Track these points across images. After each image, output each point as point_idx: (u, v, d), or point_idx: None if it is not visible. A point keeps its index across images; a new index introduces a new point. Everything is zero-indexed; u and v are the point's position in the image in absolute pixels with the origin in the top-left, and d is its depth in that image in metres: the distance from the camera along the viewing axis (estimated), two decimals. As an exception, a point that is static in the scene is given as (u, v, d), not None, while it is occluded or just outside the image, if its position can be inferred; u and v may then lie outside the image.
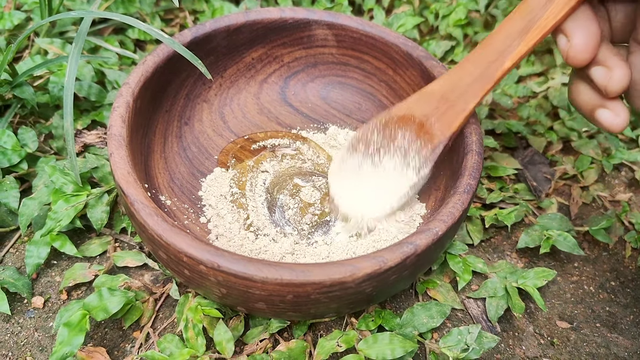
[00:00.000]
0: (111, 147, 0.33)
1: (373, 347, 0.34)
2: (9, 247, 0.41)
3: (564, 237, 0.42)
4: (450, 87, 0.36)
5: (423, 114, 0.37)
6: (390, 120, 0.38)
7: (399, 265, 0.30)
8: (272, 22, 0.43)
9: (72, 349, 0.33)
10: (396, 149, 0.38)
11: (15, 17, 0.52)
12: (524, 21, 0.33)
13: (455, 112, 0.36)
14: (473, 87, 0.35)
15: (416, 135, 0.38)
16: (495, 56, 0.34)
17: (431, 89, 0.37)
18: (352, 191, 0.40)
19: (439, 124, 0.37)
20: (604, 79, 0.32)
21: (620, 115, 0.33)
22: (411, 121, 0.38)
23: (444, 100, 0.36)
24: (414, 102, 0.38)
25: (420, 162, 0.38)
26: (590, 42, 0.31)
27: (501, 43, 0.34)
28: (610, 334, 0.40)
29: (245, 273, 0.28)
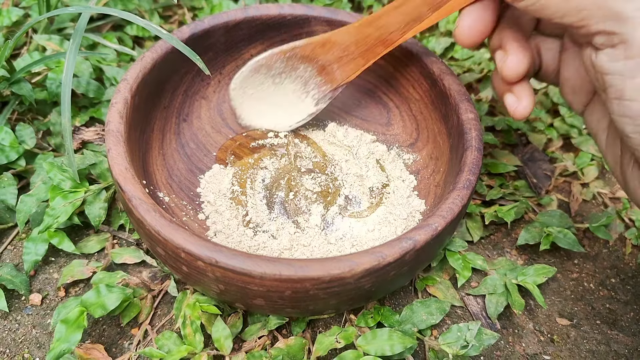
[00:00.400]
0: (109, 143, 0.33)
1: (372, 343, 0.34)
2: (7, 244, 0.41)
3: (564, 233, 0.42)
4: (354, 42, 0.39)
5: (326, 59, 0.40)
6: (294, 55, 0.41)
7: (398, 260, 0.29)
8: (270, 19, 0.43)
9: (69, 346, 0.32)
10: (297, 76, 0.42)
11: (13, 13, 0.51)
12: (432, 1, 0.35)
13: (357, 65, 0.40)
14: (375, 47, 0.39)
15: (317, 72, 0.41)
16: (398, 26, 0.37)
17: (336, 38, 0.39)
18: (254, 105, 0.43)
19: (340, 71, 0.41)
20: (499, 62, 0.34)
21: (523, 101, 0.34)
22: (313, 60, 0.41)
23: (347, 52, 0.40)
24: (319, 47, 0.40)
25: (319, 96, 0.42)
26: (477, 27, 0.33)
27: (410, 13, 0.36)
28: (610, 331, 0.39)
29: (244, 269, 0.28)
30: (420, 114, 0.43)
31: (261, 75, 0.42)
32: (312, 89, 0.42)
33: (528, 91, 0.34)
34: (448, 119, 0.40)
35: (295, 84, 0.42)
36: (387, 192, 0.41)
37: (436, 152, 0.42)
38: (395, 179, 0.42)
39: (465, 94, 0.38)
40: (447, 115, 0.40)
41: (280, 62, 0.41)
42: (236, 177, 0.41)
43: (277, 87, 0.43)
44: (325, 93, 0.42)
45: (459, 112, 0.37)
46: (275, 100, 0.43)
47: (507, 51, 0.33)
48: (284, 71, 0.42)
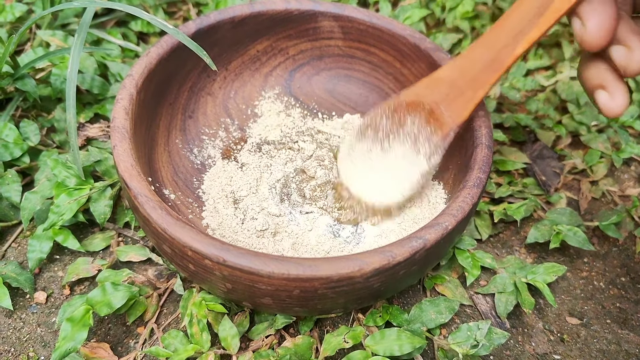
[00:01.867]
0: (114, 140, 0.33)
1: (380, 343, 0.33)
2: (11, 242, 0.40)
3: (573, 232, 0.42)
4: (460, 73, 0.35)
5: (433, 100, 0.36)
6: (399, 106, 0.37)
7: (408, 260, 0.29)
8: (277, 14, 0.42)
9: (75, 345, 0.32)
10: (406, 134, 0.38)
11: (17, 9, 0.51)
12: (536, 4, 0.32)
13: (466, 100, 0.35)
14: (483, 73, 0.34)
15: (426, 121, 0.37)
16: (506, 41, 0.33)
17: (440, 75, 0.36)
18: (362, 177, 0.39)
19: (449, 112, 0.36)
20: (624, 59, 0.30)
21: (617, 100, 0.31)
22: (420, 107, 0.37)
23: (454, 86, 0.35)
24: (423, 88, 0.37)
25: (431, 149, 0.37)
26: (606, 26, 0.29)
27: (512, 27, 0.33)
28: (620, 330, 0.39)
29: (251, 267, 0.28)
30: (429, 111, 0.43)
31: (369, 141, 0.39)
32: (422, 145, 0.37)
33: (623, 88, 0.31)
34: (457, 115, 0.39)
35: (405, 145, 0.38)
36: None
37: (445, 149, 0.41)
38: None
39: None
40: (456, 112, 0.39)
41: (386, 118, 0.38)
42: (242, 174, 0.41)
43: (386, 153, 0.38)
44: (437, 144, 0.37)
45: (469, 109, 0.37)
46: (387, 169, 0.38)
47: (632, 47, 0.30)
48: (391, 131, 0.38)
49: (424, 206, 0.39)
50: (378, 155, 0.39)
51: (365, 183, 0.39)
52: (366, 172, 0.39)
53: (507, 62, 0.33)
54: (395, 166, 0.38)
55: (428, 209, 0.39)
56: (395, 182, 0.38)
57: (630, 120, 0.52)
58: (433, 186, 0.40)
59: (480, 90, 0.35)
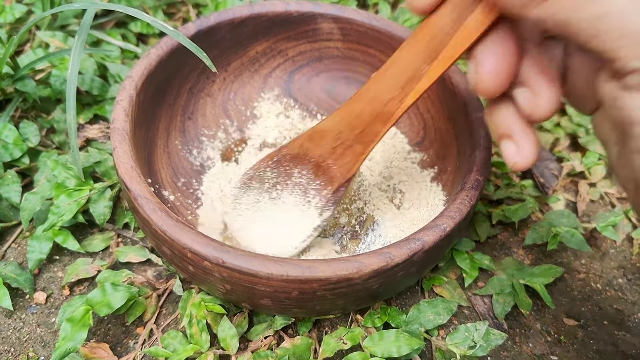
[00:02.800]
0: (114, 141, 0.33)
1: (379, 344, 0.34)
2: (11, 242, 0.40)
3: (571, 233, 0.42)
4: (345, 126, 0.33)
5: (318, 154, 0.35)
6: (282, 158, 0.36)
7: (406, 261, 0.29)
8: (276, 15, 0.43)
9: (75, 345, 0.32)
10: (294, 185, 0.36)
11: (16, 10, 0.51)
12: (427, 49, 0.28)
13: (355, 154, 0.33)
14: (372, 126, 0.32)
15: (314, 174, 0.35)
16: (394, 92, 0.30)
17: (323, 127, 0.34)
18: (253, 228, 0.36)
19: (337, 166, 0.34)
20: (528, 104, 0.26)
21: (524, 151, 0.27)
22: (306, 160, 0.35)
23: (340, 140, 0.33)
24: (307, 141, 0.35)
25: (322, 203, 0.35)
26: (503, 70, 0.26)
27: (399, 76, 0.30)
28: (617, 331, 0.39)
29: (250, 269, 0.28)
30: (427, 113, 0.43)
31: (255, 191, 0.37)
32: (313, 197, 0.36)
33: (530, 135, 0.27)
34: (456, 118, 0.39)
35: (295, 195, 0.36)
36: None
37: (443, 151, 0.41)
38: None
39: (474, 93, 0.38)
40: (454, 114, 0.39)
41: (270, 170, 0.36)
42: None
43: (276, 203, 0.36)
44: (327, 198, 0.35)
45: (467, 111, 0.37)
46: (277, 219, 0.36)
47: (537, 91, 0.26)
48: (278, 181, 0.36)
49: (423, 208, 0.39)
50: (267, 205, 0.37)
51: (255, 235, 0.36)
52: (256, 224, 0.37)
53: (397, 114, 0.31)
54: (287, 217, 0.36)
55: (427, 211, 0.39)
56: (288, 234, 0.36)
57: (628, 122, 0.52)
58: (431, 188, 0.40)
59: (370, 144, 0.33)
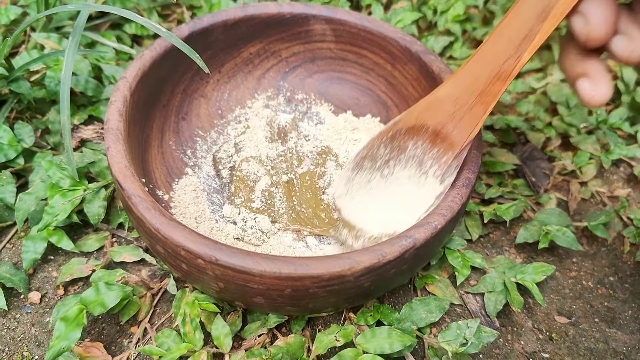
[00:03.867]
0: (108, 141, 0.33)
1: (371, 341, 0.34)
2: (6, 243, 0.41)
3: (562, 232, 0.42)
4: (463, 89, 0.34)
5: (437, 121, 0.35)
6: (397, 132, 0.36)
7: (398, 258, 0.30)
8: (270, 17, 0.43)
9: (69, 344, 0.32)
10: (408, 158, 0.36)
11: (11, 11, 0.51)
12: (537, 9, 0.30)
13: (475, 115, 0.34)
14: (490, 86, 0.33)
15: (431, 142, 0.35)
16: (510, 51, 0.32)
17: (442, 93, 0.35)
18: (365, 210, 0.36)
19: (457, 130, 0.34)
20: (626, 49, 0.30)
21: (600, 89, 0.31)
22: (423, 130, 0.35)
23: (459, 104, 0.34)
24: (424, 111, 0.35)
25: (441, 170, 0.35)
26: (609, 19, 0.29)
27: (515, 35, 0.31)
28: (608, 329, 0.40)
29: (243, 267, 0.28)
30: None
31: (366, 172, 0.37)
32: (430, 167, 0.35)
33: (605, 73, 0.31)
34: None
35: (409, 169, 0.36)
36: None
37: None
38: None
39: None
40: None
41: (384, 147, 0.36)
42: (233, 177, 0.41)
43: (388, 180, 0.36)
44: (448, 164, 0.35)
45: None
46: (391, 196, 0.36)
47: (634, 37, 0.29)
48: (391, 157, 0.36)
49: None
50: (379, 184, 0.37)
51: (370, 214, 0.36)
52: (369, 204, 0.37)
53: (514, 72, 0.32)
54: (400, 192, 0.36)
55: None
56: (405, 208, 0.36)
57: (619, 122, 0.53)
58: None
59: (490, 104, 0.33)
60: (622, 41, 0.30)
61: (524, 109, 0.53)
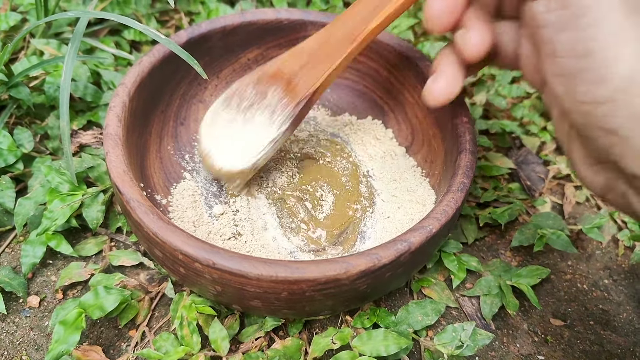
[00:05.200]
0: (107, 146, 0.33)
1: (367, 343, 0.34)
2: (5, 247, 0.41)
3: (557, 235, 0.43)
4: (319, 45, 0.37)
5: (292, 70, 0.38)
6: (263, 76, 0.39)
7: (393, 262, 0.30)
8: (267, 23, 0.43)
9: (68, 347, 0.33)
10: (265, 106, 0.39)
11: (11, 18, 0.52)
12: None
13: (320, 70, 0.37)
14: (340, 45, 0.36)
15: (284, 92, 0.38)
16: (363, 15, 0.35)
17: (303, 46, 0.38)
18: (220, 145, 0.39)
19: (303, 81, 0.37)
20: (460, 41, 0.32)
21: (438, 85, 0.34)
22: (280, 77, 0.38)
23: (312, 57, 0.37)
24: (287, 59, 0.38)
25: (282, 119, 0.38)
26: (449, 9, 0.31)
27: (369, 3, 0.35)
28: (603, 331, 0.40)
29: (240, 270, 0.28)
30: (415, 118, 0.44)
31: (233, 110, 0.39)
32: (277, 116, 0.38)
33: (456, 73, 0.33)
34: (443, 123, 0.40)
35: (264, 116, 0.39)
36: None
37: (431, 155, 0.42)
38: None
39: (460, 98, 0.38)
40: (441, 120, 0.40)
41: (251, 88, 0.39)
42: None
43: (247, 123, 0.39)
44: (289, 113, 0.38)
45: (453, 116, 0.38)
46: (243, 138, 0.39)
47: (469, 28, 0.31)
48: (255, 101, 0.39)
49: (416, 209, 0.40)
50: (239, 125, 0.39)
51: (221, 149, 0.39)
52: (226, 140, 0.39)
53: (361, 35, 0.35)
54: (251, 135, 0.39)
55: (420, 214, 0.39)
56: (248, 150, 0.39)
57: (613, 127, 0.53)
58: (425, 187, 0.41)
59: (336, 60, 0.36)
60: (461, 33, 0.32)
61: (519, 113, 0.54)
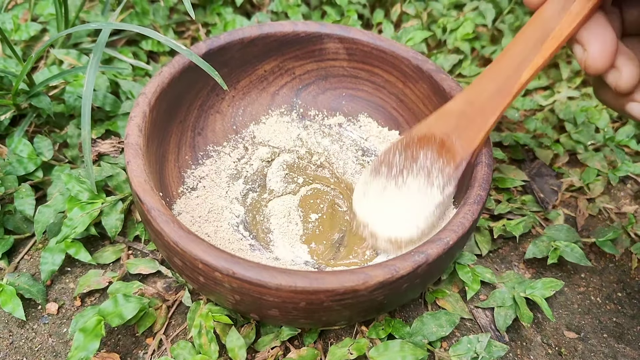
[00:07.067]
0: (128, 156, 0.34)
1: (384, 354, 0.34)
2: (24, 254, 0.41)
3: (571, 248, 0.43)
4: (469, 103, 0.36)
5: (443, 132, 0.37)
6: (411, 141, 0.38)
7: (411, 274, 0.30)
8: (285, 35, 0.44)
9: (87, 354, 0.33)
10: (419, 169, 0.38)
11: (31, 28, 0.53)
12: (538, 32, 0.33)
13: (476, 128, 0.36)
14: (491, 102, 0.35)
15: (438, 154, 0.37)
16: (512, 70, 0.34)
17: (450, 107, 0.37)
18: (378, 215, 0.39)
19: (460, 141, 0.36)
20: (613, 79, 0.32)
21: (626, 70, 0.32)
22: (432, 141, 0.37)
23: (463, 117, 0.36)
24: (434, 122, 0.38)
25: (444, 181, 0.37)
26: (607, 50, 0.31)
27: (517, 56, 0.34)
28: (617, 344, 0.40)
29: (260, 280, 0.29)
30: (430, 130, 0.44)
31: (382, 178, 0.39)
32: (436, 178, 0.38)
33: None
34: (458, 134, 0.40)
35: (419, 180, 0.38)
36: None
37: (446, 167, 0.42)
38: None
39: None
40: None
41: (399, 154, 0.39)
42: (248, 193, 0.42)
43: (401, 189, 0.39)
44: (450, 175, 0.37)
45: (469, 129, 0.38)
46: (401, 204, 0.39)
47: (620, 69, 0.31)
48: (405, 166, 0.39)
49: None
50: (393, 192, 0.39)
51: (380, 218, 0.39)
52: (382, 211, 0.39)
53: (513, 90, 0.34)
54: (409, 201, 0.38)
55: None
56: (410, 216, 0.38)
57: (626, 140, 0.53)
58: None
59: (490, 118, 0.35)
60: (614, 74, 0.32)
61: (532, 126, 0.54)
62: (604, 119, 0.55)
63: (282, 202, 0.42)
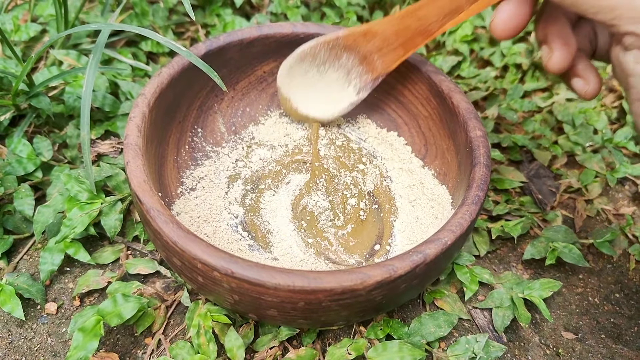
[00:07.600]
0: (127, 156, 0.34)
1: (382, 355, 0.35)
2: (23, 254, 0.42)
3: (569, 249, 0.43)
4: (394, 33, 0.40)
5: (367, 50, 0.42)
6: (337, 44, 0.42)
7: (409, 273, 0.30)
8: (284, 37, 0.44)
9: (86, 354, 0.33)
10: (340, 66, 0.43)
11: (31, 29, 0.53)
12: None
13: (397, 55, 0.42)
14: (415, 38, 0.40)
15: (359, 62, 0.43)
16: (437, 17, 0.38)
17: (377, 28, 0.41)
18: (300, 93, 0.45)
19: (381, 61, 0.42)
20: (545, 58, 0.36)
21: (590, 83, 0.36)
22: (356, 51, 0.42)
23: (387, 42, 0.41)
24: (361, 37, 0.41)
25: (361, 85, 0.44)
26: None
27: (444, 6, 0.38)
28: (615, 345, 0.40)
29: (258, 280, 0.29)
30: (429, 131, 0.44)
31: (306, 64, 0.43)
32: (354, 78, 0.44)
33: (593, 72, 0.36)
34: (456, 135, 0.40)
35: (339, 73, 0.44)
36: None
37: (444, 168, 0.43)
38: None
39: (474, 112, 0.39)
40: (455, 132, 0.41)
41: (325, 51, 0.42)
42: (246, 194, 0.42)
43: (322, 75, 0.44)
44: (366, 82, 0.44)
45: (467, 130, 0.38)
46: (320, 88, 0.45)
47: (552, 48, 0.35)
48: (328, 60, 0.43)
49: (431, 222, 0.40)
50: (314, 76, 0.44)
51: (301, 96, 0.45)
52: (304, 87, 0.45)
53: (435, 34, 0.39)
54: (328, 88, 0.45)
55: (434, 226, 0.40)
56: (327, 101, 0.45)
57: (624, 141, 0.54)
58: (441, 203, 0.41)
59: (410, 51, 0.41)
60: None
61: (531, 127, 0.54)
62: (602, 120, 0.55)
63: (281, 202, 0.42)
